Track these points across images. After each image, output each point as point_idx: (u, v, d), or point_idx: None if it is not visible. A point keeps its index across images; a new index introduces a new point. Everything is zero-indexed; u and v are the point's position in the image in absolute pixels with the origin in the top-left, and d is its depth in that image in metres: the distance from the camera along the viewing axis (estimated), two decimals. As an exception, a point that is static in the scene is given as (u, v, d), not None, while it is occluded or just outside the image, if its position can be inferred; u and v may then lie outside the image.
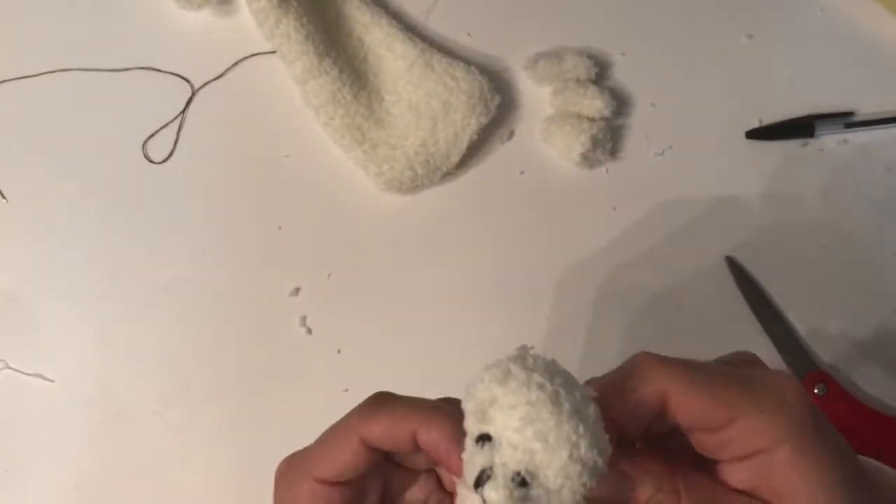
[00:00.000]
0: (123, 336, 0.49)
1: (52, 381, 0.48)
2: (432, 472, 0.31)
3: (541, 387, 0.25)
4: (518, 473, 0.24)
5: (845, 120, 0.51)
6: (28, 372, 0.48)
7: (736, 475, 0.28)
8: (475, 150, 0.51)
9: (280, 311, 0.49)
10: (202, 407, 0.48)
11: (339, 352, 0.49)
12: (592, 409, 0.26)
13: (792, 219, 0.50)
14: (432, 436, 0.27)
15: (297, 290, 0.49)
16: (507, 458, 0.25)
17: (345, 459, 0.29)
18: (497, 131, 0.52)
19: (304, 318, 0.49)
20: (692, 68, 0.53)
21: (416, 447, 0.28)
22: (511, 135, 0.52)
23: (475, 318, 0.49)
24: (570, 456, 0.24)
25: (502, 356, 0.27)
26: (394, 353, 0.49)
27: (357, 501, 0.30)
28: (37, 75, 0.52)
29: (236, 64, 0.52)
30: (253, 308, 0.49)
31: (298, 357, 0.49)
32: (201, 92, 0.52)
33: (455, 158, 0.50)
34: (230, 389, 0.48)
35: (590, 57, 0.51)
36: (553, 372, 0.26)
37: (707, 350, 0.49)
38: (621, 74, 0.52)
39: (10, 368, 0.48)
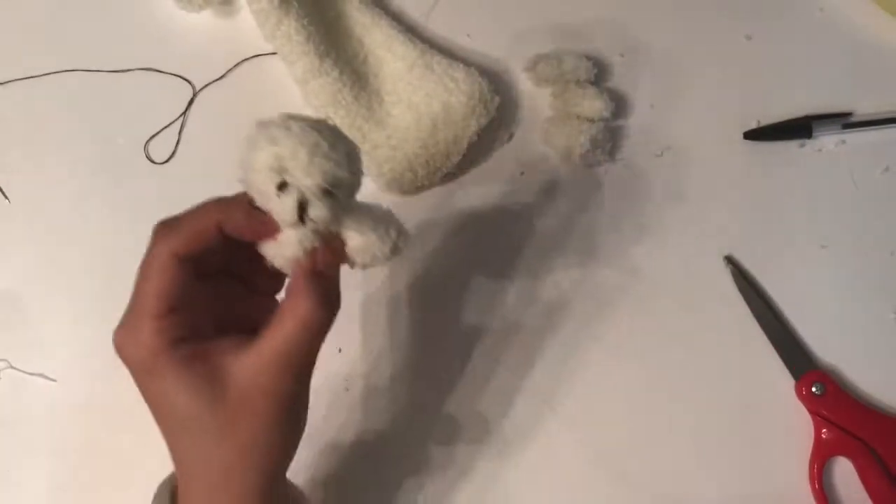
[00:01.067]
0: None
1: (54, 381, 0.48)
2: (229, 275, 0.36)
3: (301, 127, 0.32)
4: (324, 189, 0.32)
5: (843, 120, 0.51)
6: (30, 371, 0.49)
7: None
8: (475, 151, 0.51)
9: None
10: (203, 406, 0.48)
11: (339, 351, 0.49)
12: (337, 126, 0.34)
13: (791, 219, 0.51)
14: (236, 218, 0.33)
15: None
16: (309, 185, 0.32)
17: (168, 282, 0.33)
18: (497, 132, 0.52)
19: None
20: (691, 70, 0.53)
21: (221, 239, 0.33)
22: (511, 136, 0.52)
23: (475, 317, 0.49)
24: (347, 156, 0.33)
25: (246, 137, 0.33)
26: (394, 353, 0.49)
27: (196, 322, 0.33)
28: (38, 76, 0.53)
29: (237, 65, 0.53)
30: (254, 308, 0.49)
31: (299, 357, 0.49)
32: (203, 93, 0.52)
33: (455, 159, 0.50)
34: (231, 389, 0.48)
35: (589, 58, 0.51)
36: (297, 116, 0.33)
37: (707, 349, 0.50)
38: (620, 76, 0.53)
39: (12, 368, 0.49)
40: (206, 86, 0.52)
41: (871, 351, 0.49)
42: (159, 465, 0.47)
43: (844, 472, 0.47)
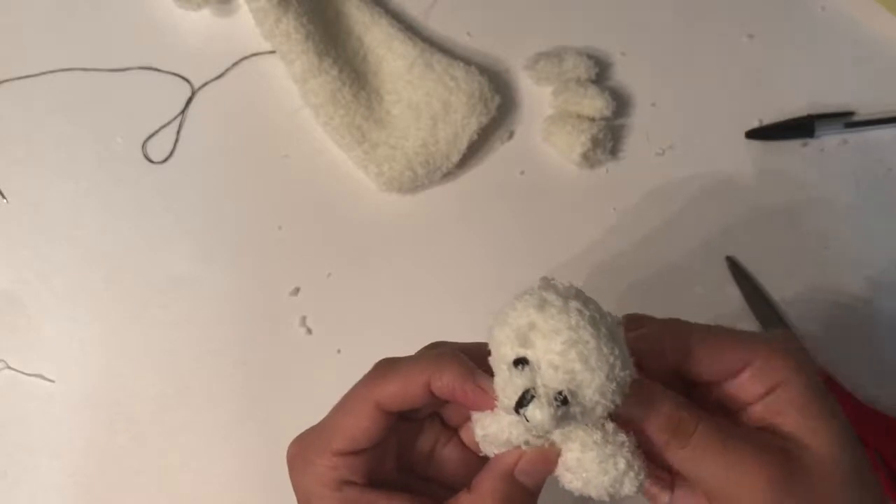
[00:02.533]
0: (123, 336, 0.49)
1: (52, 381, 0.48)
2: (434, 416, 0.33)
3: (580, 312, 0.26)
4: (560, 393, 0.26)
5: (845, 120, 0.51)
6: (28, 372, 0.48)
7: (752, 416, 0.30)
8: (475, 150, 0.51)
9: (280, 311, 0.49)
10: (202, 407, 0.48)
11: (338, 352, 0.49)
12: (622, 333, 0.28)
13: (792, 219, 0.50)
14: (445, 379, 0.29)
15: (297, 290, 0.49)
16: (548, 380, 0.26)
17: (362, 427, 0.30)
18: (497, 131, 0.52)
19: (304, 318, 0.49)
20: (693, 68, 0.53)
21: (430, 397, 0.29)
22: (511, 135, 0.52)
23: (475, 317, 0.49)
24: (608, 376, 0.26)
25: (527, 287, 0.28)
26: (394, 353, 0.49)
27: (377, 465, 0.31)
28: (37, 75, 0.52)
29: (236, 64, 0.52)
30: (253, 308, 0.49)
31: (298, 357, 0.49)
32: (201, 92, 0.52)
33: (455, 158, 0.50)
34: (230, 389, 0.48)
35: (590, 57, 0.51)
36: (584, 299, 0.28)
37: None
38: (622, 74, 0.52)
39: (10, 368, 0.48)
40: (205, 84, 0.52)
41: (872, 351, 0.49)
42: (159, 465, 0.48)
43: (845, 472, 0.47)
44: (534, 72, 0.52)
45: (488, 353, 0.28)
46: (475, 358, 0.29)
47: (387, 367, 0.31)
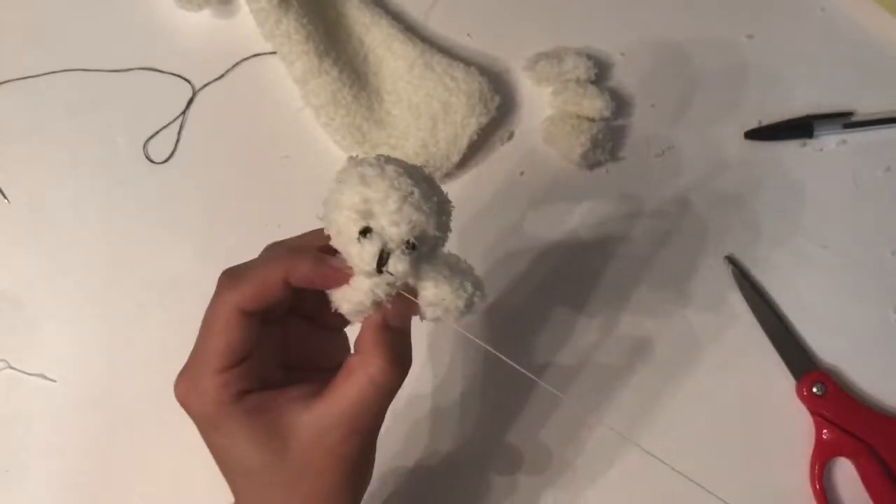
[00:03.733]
0: (124, 336, 0.49)
1: (54, 381, 0.48)
2: (290, 315, 0.35)
3: (397, 172, 0.30)
4: (408, 242, 0.30)
5: (844, 120, 0.51)
6: (30, 372, 0.49)
7: None
8: (475, 150, 0.51)
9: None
10: (203, 407, 0.48)
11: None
12: (432, 175, 0.33)
13: (791, 219, 0.50)
14: (302, 270, 0.31)
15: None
16: (394, 235, 0.30)
17: (235, 337, 0.31)
18: (497, 132, 0.52)
19: (304, 318, 0.49)
20: (692, 68, 0.53)
21: (288, 291, 0.31)
22: (511, 135, 0.52)
23: (474, 317, 0.49)
24: (438, 213, 0.31)
25: (340, 169, 0.31)
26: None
27: (264, 371, 0.32)
28: (38, 76, 0.53)
29: (237, 64, 0.53)
30: (253, 308, 0.49)
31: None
32: (202, 92, 0.52)
33: (455, 159, 0.50)
34: (231, 389, 0.48)
35: (590, 57, 0.51)
36: (395, 161, 0.31)
37: (707, 350, 0.49)
38: (621, 75, 0.52)
39: (12, 368, 0.49)
40: (206, 85, 0.52)
41: (871, 351, 0.49)
42: (160, 464, 0.48)
43: (845, 472, 0.47)
44: (533, 72, 0.52)
45: (328, 238, 0.31)
46: (311, 246, 0.32)
47: (236, 272, 0.32)
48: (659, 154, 0.51)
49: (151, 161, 0.52)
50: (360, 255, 0.30)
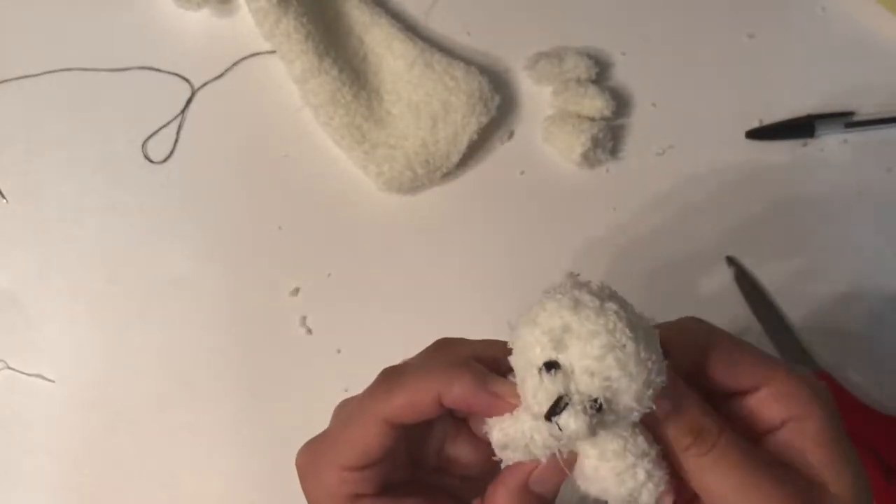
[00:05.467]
0: (123, 336, 0.49)
1: (52, 382, 0.48)
2: (445, 416, 0.31)
3: (617, 315, 0.25)
4: (595, 400, 0.24)
5: (846, 120, 0.51)
6: (28, 372, 0.48)
7: (772, 443, 0.28)
8: (475, 150, 0.51)
9: (280, 311, 0.49)
10: (202, 407, 0.48)
11: (338, 352, 0.49)
12: (657, 337, 0.26)
13: (792, 219, 0.50)
14: (457, 392, 0.27)
15: (297, 290, 0.49)
16: (583, 386, 0.24)
17: (372, 443, 0.28)
18: (497, 131, 0.52)
19: (304, 318, 0.49)
20: (693, 68, 0.53)
21: (441, 409, 0.28)
22: (511, 135, 0.52)
23: (474, 318, 0.49)
24: (645, 383, 0.25)
25: (552, 284, 0.27)
26: (394, 353, 0.49)
27: (389, 471, 0.30)
28: (37, 75, 0.52)
29: (236, 64, 0.52)
30: (253, 308, 0.49)
31: (298, 357, 0.49)
32: (201, 91, 0.52)
33: (455, 158, 0.50)
34: (230, 389, 0.48)
35: (590, 57, 0.51)
36: (620, 300, 0.26)
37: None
38: (622, 74, 0.52)
39: (10, 368, 0.49)
40: (205, 84, 0.52)
41: (872, 351, 0.49)
42: (159, 464, 0.48)
43: (845, 472, 0.47)
44: (534, 72, 0.52)
45: (509, 352, 0.27)
46: (486, 358, 0.28)
47: (393, 378, 0.29)
48: (659, 154, 0.51)
49: (150, 160, 0.51)
50: (534, 391, 0.25)
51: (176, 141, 0.52)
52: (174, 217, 0.51)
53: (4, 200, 0.51)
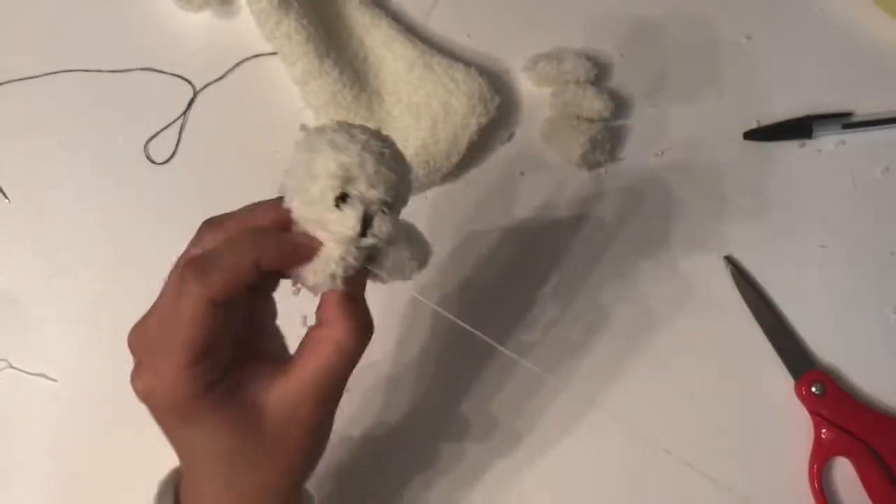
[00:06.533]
0: (124, 336, 0.49)
1: (55, 381, 0.49)
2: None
3: (365, 132, 0.30)
4: (385, 202, 0.30)
5: (843, 121, 0.51)
6: (30, 371, 0.49)
7: None
8: (475, 151, 0.51)
9: (280, 310, 0.49)
10: (203, 406, 0.48)
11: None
12: (389, 136, 0.32)
13: (790, 219, 0.51)
14: (273, 254, 0.30)
15: (297, 290, 0.49)
16: (372, 197, 0.30)
17: (206, 331, 0.30)
18: (497, 132, 0.52)
19: (304, 318, 0.49)
20: (691, 69, 0.53)
21: (258, 274, 0.30)
22: (511, 136, 0.52)
23: (474, 318, 0.49)
24: (406, 170, 0.32)
25: (296, 140, 0.31)
26: (394, 353, 0.49)
27: (222, 349, 0.31)
28: (38, 76, 0.53)
29: (237, 65, 0.53)
30: (254, 308, 0.49)
31: (299, 357, 0.49)
32: (203, 93, 0.52)
33: (455, 159, 0.50)
34: (231, 389, 0.48)
35: (589, 58, 0.51)
36: (352, 125, 0.31)
37: (707, 349, 0.50)
38: (621, 76, 0.53)
39: (13, 368, 0.49)
40: (206, 86, 0.52)
41: (871, 351, 0.49)
42: (161, 464, 0.48)
43: (844, 472, 0.47)
44: (533, 73, 0.52)
45: (286, 210, 0.31)
46: (259, 222, 0.32)
47: (203, 263, 0.30)
48: (658, 154, 0.52)
49: (152, 161, 0.52)
50: (341, 222, 0.30)
51: (178, 142, 0.52)
52: (175, 217, 0.50)
53: (6, 200, 0.51)
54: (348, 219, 0.30)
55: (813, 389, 0.47)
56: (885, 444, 0.46)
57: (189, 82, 0.52)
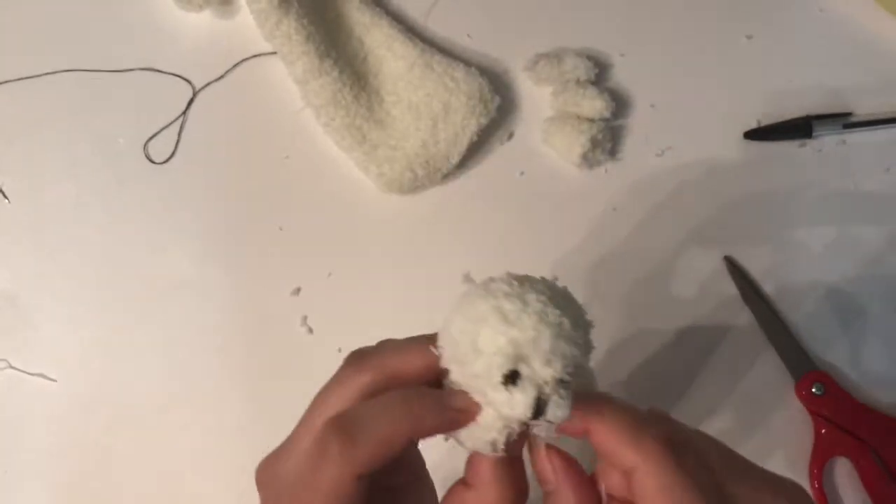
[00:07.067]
0: (124, 336, 0.49)
1: (54, 381, 0.49)
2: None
3: (541, 302, 0.26)
4: (561, 380, 0.26)
5: (843, 120, 0.51)
6: (30, 372, 0.49)
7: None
8: (475, 150, 0.51)
9: (281, 310, 0.49)
10: (203, 407, 0.48)
11: (339, 351, 0.48)
12: (568, 291, 0.29)
13: (791, 219, 0.50)
14: (429, 426, 0.27)
15: (297, 290, 0.50)
16: (547, 376, 0.26)
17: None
18: (497, 132, 0.52)
19: (304, 318, 0.49)
20: (692, 69, 0.53)
21: (409, 446, 0.27)
22: (511, 136, 0.52)
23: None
24: (584, 336, 0.27)
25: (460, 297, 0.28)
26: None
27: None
28: (38, 76, 0.53)
29: (237, 65, 0.53)
30: (254, 308, 0.49)
31: (299, 357, 0.49)
32: (202, 93, 0.52)
33: (455, 159, 0.50)
34: (231, 389, 0.48)
35: (589, 58, 0.51)
36: (529, 281, 0.28)
37: (707, 349, 0.50)
38: (621, 75, 0.53)
39: (13, 368, 0.49)
40: (206, 86, 0.52)
41: (870, 351, 0.49)
42: (160, 464, 0.48)
43: (844, 472, 0.47)
44: (533, 73, 0.52)
45: (444, 371, 0.28)
46: (409, 369, 0.28)
47: (352, 430, 0.27)
48: (659, 154, 0.52)
49: (152, 161, 0.52)
50: (509, 405, 0.26)
51: (177, 142, 0.52)
52: (175, 217, 0.51)
53: (6, 200, 0.51)
54: (518, 404, 0.26)
55: (813, 390, 0.47)
56: (885, 444, 0.46)
57: (189, 82, 0.52)
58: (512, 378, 0.26)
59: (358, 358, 0.30)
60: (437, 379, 0.29)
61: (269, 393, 0.48)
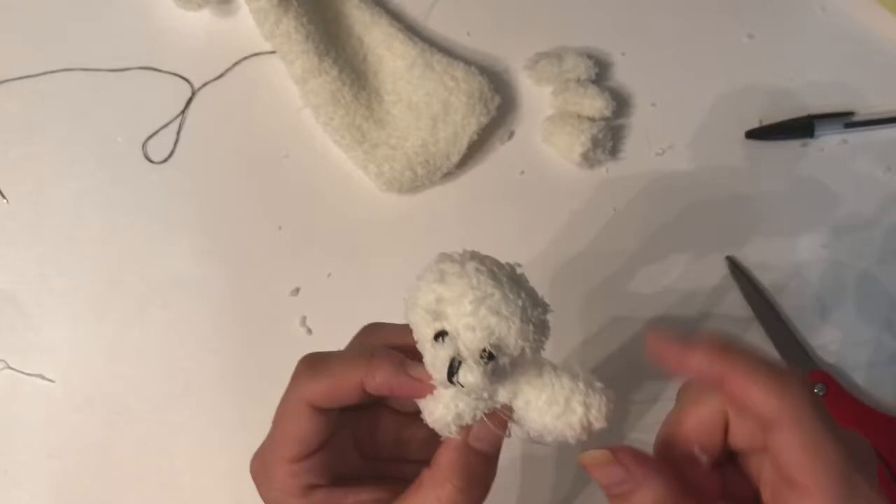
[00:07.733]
0: (123, 336, 0.49)
1: (53, 381, 0.48)
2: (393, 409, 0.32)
3: (477, 270, 0.27)
4: (484, 350, 0.27)
5: (845, 120, 0.51)
6: (28, 372, 0.49)
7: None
8: (475, 150, 0.51)
9: (280, 311, 0.49)
10: (202, 407, 0.48)
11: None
12: (523, 275, 0.29)
13: (792, 219, 0.50)
14: (379, 379, 0.29)
15: (297, 290, 0.49)
16: (469, 342, 0.27)
17: (304, 430, 0.30)
18: (497, 131, 0.52)
19: (304, 318, 0.49)
20: (692, 68, 0.53)
21: (366, 395, 0.29)
22: (511, 135, 0.52)
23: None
24: (522, 319, 0.27)
25: (426, 265, 0.29)
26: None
27: (338, 460, 0.31)
28: (37, 75, 0.53)
29: (236, 64, 0.52)
30: (253, 308, 0.49)
31: (299, 357, 0.48)
32: (201, 92, 0.52)
33: (455, 158, 0.50)
34: (230, 389, 0.48)
35: (590, 57, 0.51)
36: (479, 257, 0.29)
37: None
38: (622, 74, 0.52)
39: (11, 368, 0.49)
40: (205, 85, 0.52)
41: (871, 351, 0.49)
42: (159, 465, 0.48)
43: (845, 472, 0.47)
44: (534, 72, 0.52)
45: (402, 350, 0.29)
46: (408, 343, 0.29)
47: (316, 365, 0.30)
48: (659, 154, 0.51)
49: (151, 160, 0.52)
50: (432, 361, 0.28)
51: (176, 141, 0.52)
52: (174, 217, 0.51)
53: (5, 200, 0.51)
54: (437, 360, 0.27)
55: (815, 390, 0.47)
56: (885, 444, 0.46)
57: (188, 81, 0.52)
58: (440, 337, 0.27)
59: (373, 325, 0.33)
60: None
61: (267, 393, 0.48)
